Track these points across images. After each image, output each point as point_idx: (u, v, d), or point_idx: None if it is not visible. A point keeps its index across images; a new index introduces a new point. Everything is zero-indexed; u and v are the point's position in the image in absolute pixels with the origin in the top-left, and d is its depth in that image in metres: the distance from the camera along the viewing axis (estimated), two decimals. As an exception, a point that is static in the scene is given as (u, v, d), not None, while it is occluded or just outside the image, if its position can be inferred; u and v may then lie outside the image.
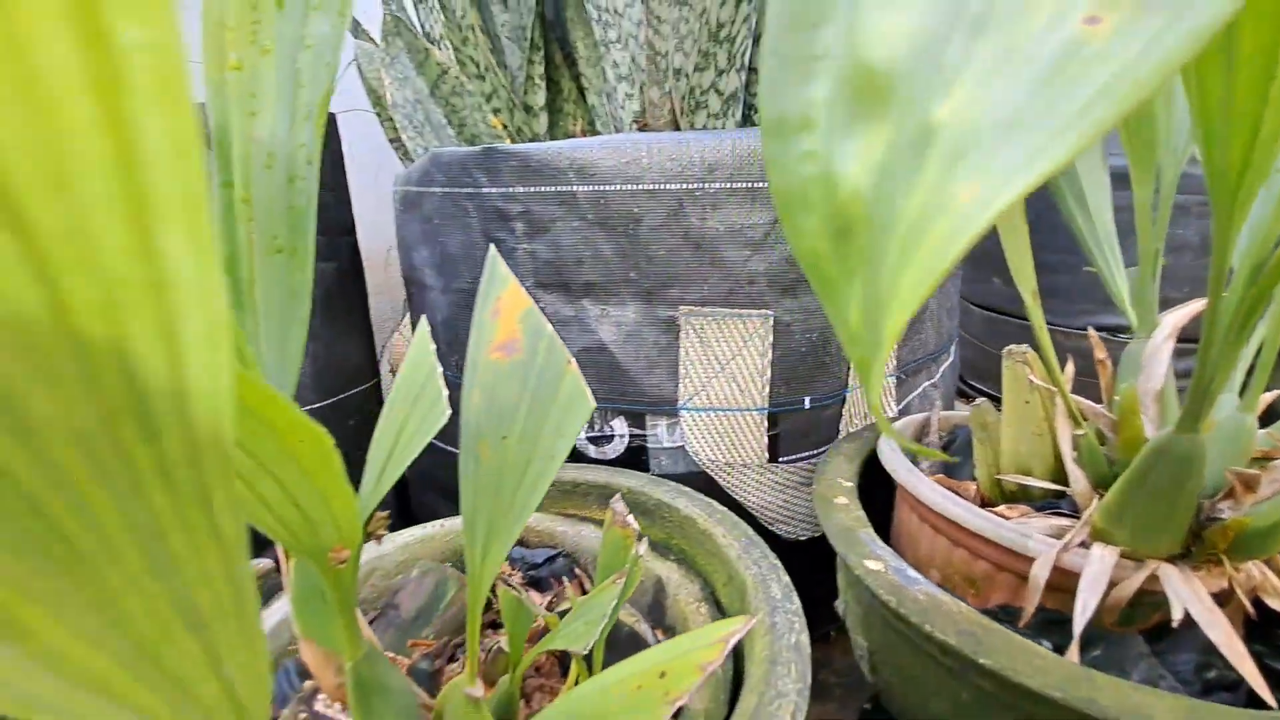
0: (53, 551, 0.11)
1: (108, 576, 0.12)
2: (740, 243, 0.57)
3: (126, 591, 0.13)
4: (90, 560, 0.12)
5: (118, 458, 0.11)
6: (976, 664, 0.38)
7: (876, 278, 0.11)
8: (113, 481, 0.11)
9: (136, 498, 0.11)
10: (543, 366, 0.26)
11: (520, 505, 0.26)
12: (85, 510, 0.11)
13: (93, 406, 0.10)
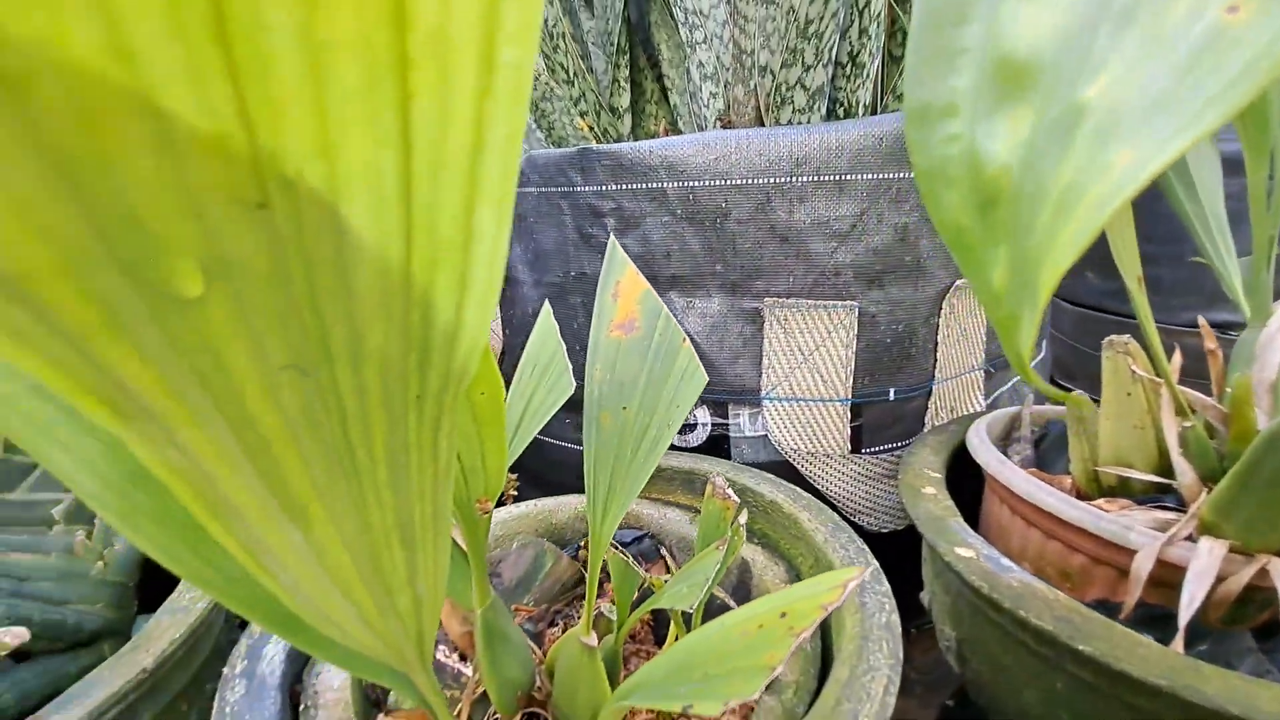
0: (341, 458, 0.14)
1: (366, 486, 0.15)
2: (826, 235, 0.58)
3: (373, 501, 0.16)
4: (361, 469, 0.15)
5: (401, 382, 0.13)
6: (1074, 651, 0.38)
7: (1026, 240, 0.13)
8: (391, 402, 0.14)
9: (402, 418, 0.14)
10: (659, 343, 0.29)
11: (638, 468, 0.28)
12: (368, 425, 0.14)
13: (401, 339, 0.12)
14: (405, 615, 0.20)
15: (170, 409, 0.11)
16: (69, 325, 0.08)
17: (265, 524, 0.14)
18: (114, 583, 0.48)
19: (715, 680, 0.19)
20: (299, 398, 0.12)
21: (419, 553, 0.18)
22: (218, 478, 0.12)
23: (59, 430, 0.18)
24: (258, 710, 0.37)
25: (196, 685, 0.45)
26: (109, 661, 0.39)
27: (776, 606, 0.22)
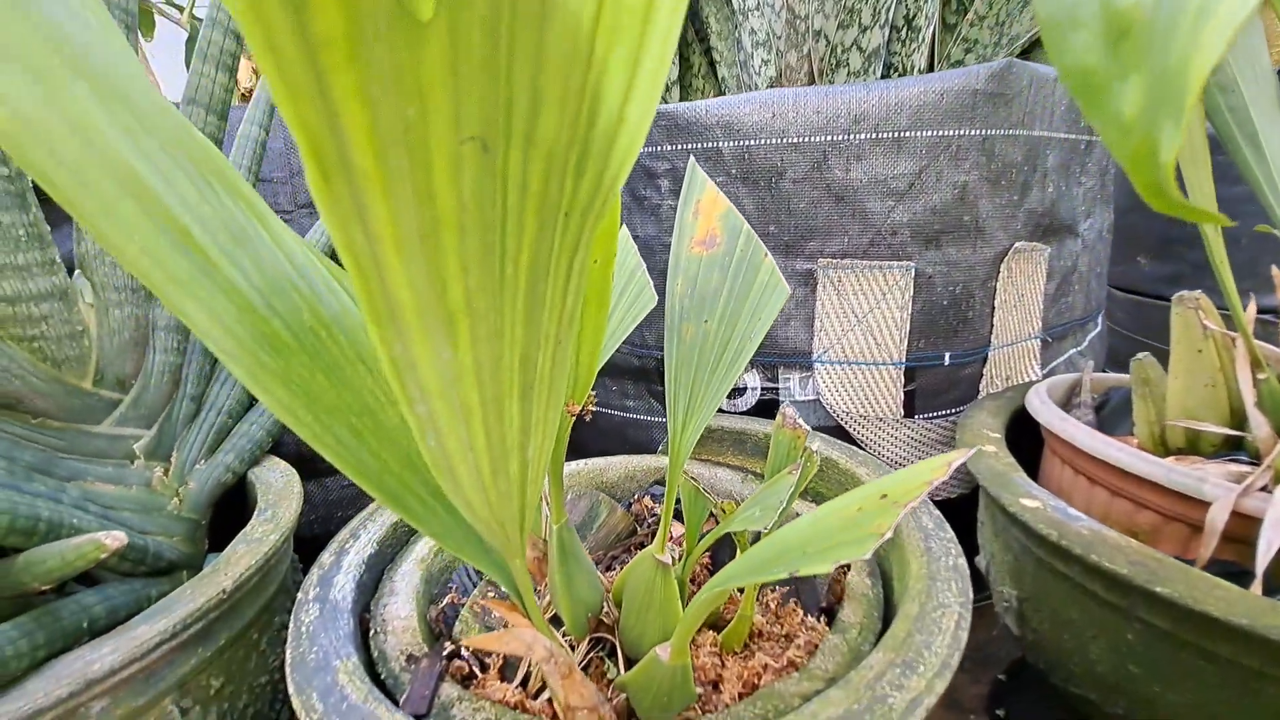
0: (492, 266, 0.14)
1: (505, 309, 0.16)
2: (883, 193, 0.58)
3: (507, 332, 0.16)
4: (505, 285, 0.15)
5: (558, 183, 0.14)
6: (1150, 595, 0.37)
7: (1164, 57, 0.13)
8: (545, 208, 0.14)
9: (549, 231, 0.15)
10: (741, 258, 0.29)
11: (719, 380, 0.29)
12: (521, 231, 0.14)
13: (569, 128, 0.13)
14: (514, 481, 0.20)
15: (370, 168, 0.11)
16: (318, 29, 0.09)
17: (420, 332, 0.14)
18: (187, 518, 0.50)
19: (820, 552, 0.19)
20: (474, 178, 0.12)
21: (534, 409, 0.19)
22: (389, 269, 0.13)
23: (199, 288, 0.19)
24: (332, 630, 0.38)
25: (267, 615, 0.46)
26: (191, 582, 0.41)
27: (875, 491, 0.22)
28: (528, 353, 0.17)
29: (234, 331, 0.19)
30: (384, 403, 0.23)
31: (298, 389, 0.20)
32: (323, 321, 0.22)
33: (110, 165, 0.18)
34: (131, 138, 0.18)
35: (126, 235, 0.18)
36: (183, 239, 0.19)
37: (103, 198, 0.18)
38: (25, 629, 0.33)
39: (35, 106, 0.17)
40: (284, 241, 0.21)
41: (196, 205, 0.19)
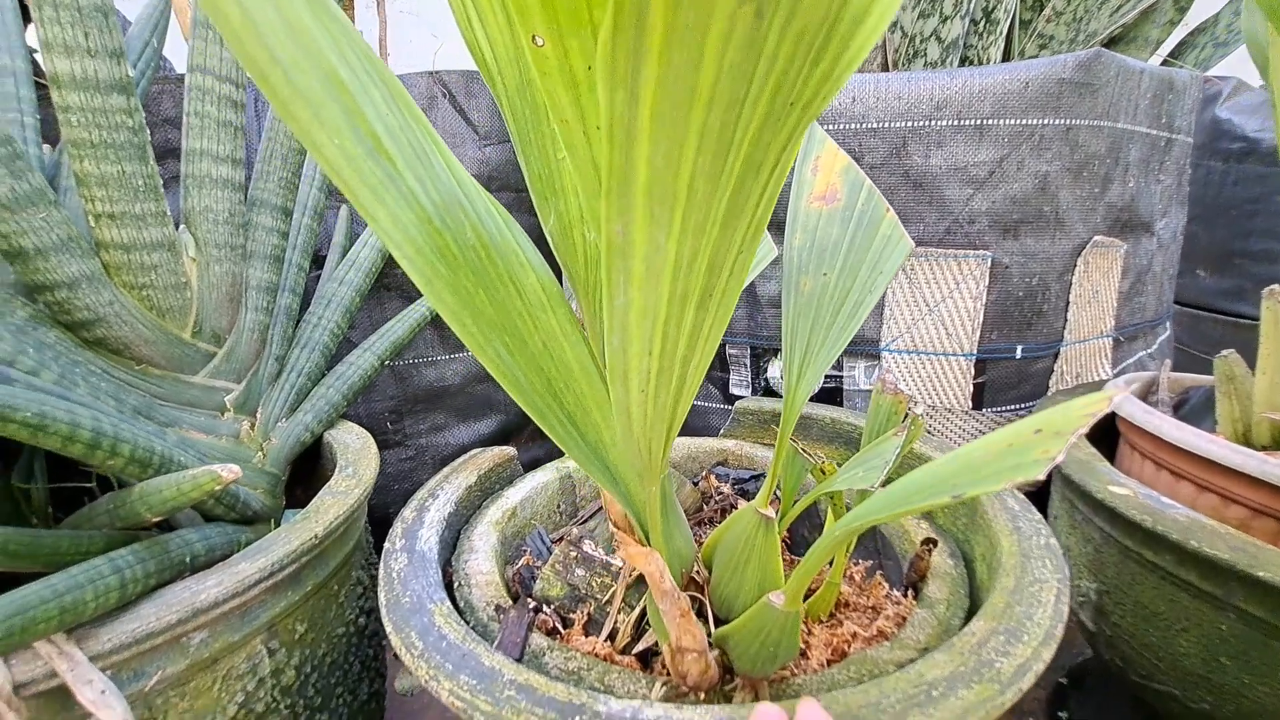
0: (718, 152, 0.15)
1: (713, 205, 0.16)
2: (963, 181, 0.57)
3: (708, 230, 0.16)
4: (723, 176, 0.15)
5: (797, 70, 0.14)
6: (1253, 580, 0.36)
7: None
8: (779, 93, 0.14)
9: (773, 123, 0.15)
10: (862, 212, 0.29)
11: (838, 331, 0.29)
12: (752, 115, 0.14)
13: (828, 3, 0.13)
14: (670, 395, 0.21)
15: (659, 22, 0.12)
16: None
17: (644, 212, 0.15)
18: (270, 472, 0.51)
19: (984, 479, 0.19)
20: (739, 45, 0.13)
21: (705, 321, 0.19)
22: (638, 136, 0.13)
23: (388, 195, 0.20)
24: (421, 577, 0.39)
25: (346, 568, 0.47)
26: (284, 527, 0.42)
27: (1025, 428, 0.21)
28: (716, 257, 0.17)
29: (414, 239, 0.20)
30: (530, 326, 0.24)
31: (463, 299, 0.21)
32: (483, 242, 0.22)
33: (319, 67, 0.18)
34: (335, 44, 0.19)
35: (328, 135, 0.19)
36: (375, 145, 0.19)
37: (311, 98, 0.18)
38: (140, 556, 0.35)
39: (260, 7, 0.18)
40: (454, 165, 0.22)
41: (386, 116, 0.20)
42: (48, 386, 0.34)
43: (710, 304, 0.19)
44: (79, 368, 0.41)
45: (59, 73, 0.38)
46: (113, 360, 0.44)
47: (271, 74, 0.18)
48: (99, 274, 0.42)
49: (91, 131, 0.40)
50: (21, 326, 0.40)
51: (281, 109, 0.18)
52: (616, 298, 0.16)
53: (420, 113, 0.22)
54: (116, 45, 0.40)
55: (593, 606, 0.40)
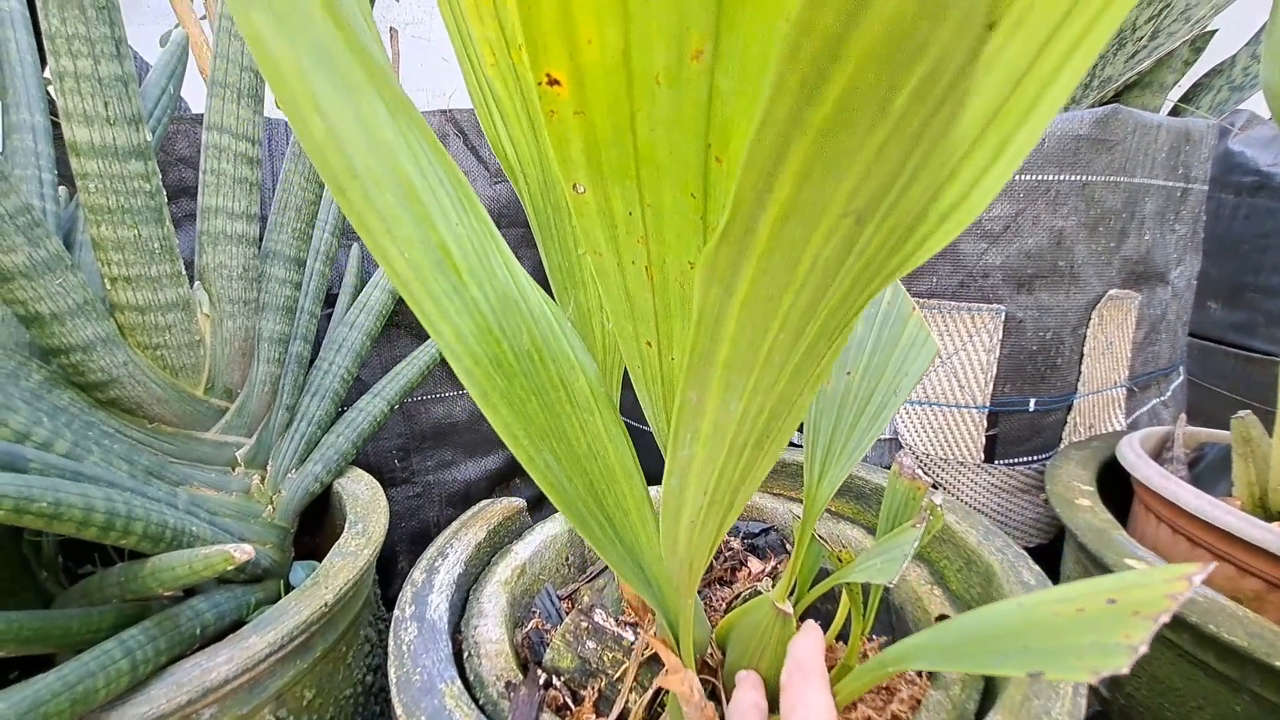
0: (802, 325, 0.14)
1: (784, 368, 0.16)
2: (977, 235, 0.57)
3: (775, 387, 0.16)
4: (797, 346, 0.15)
5: (888, 252, 0.14)
6: (1267, 667, 0.36)
7: None
8: (862, 275, 0.14)
9: (849, 299, 0.15)
10: (888, 310, 0.29)
11: (861, 433, 0.28)
12: (832, 295, 0.14)
13: (922, 199, 0.13)
14: (716, 524, 0.20)
15: (774, 238, 0.11)
16: None
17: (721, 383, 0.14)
18: (279, 526, 0.51)
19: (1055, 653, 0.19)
20: (838, 245, 0.12)
21: (759, 457, 0.19)
22: (726, 323, 0.13)
23: (450, 305, 0.20)
24: (432, 650, 0.38)
25: (354, 629, 0.47)
26: (293, 595, 0.42)
27: (1089, 594, 0.20)
28: (779, 407, 0.17)
29: (473, 350, 0.20)
30: (578, 430, 0.23)
31: (518, 410, 0.21)
32: (536, 345, 0.22)
33: (395, 178, 0.18)
34: (411, 151, 0.19)
35: (399, 249, 0.18)
36: (443, 256, 0.19)
37: (384, 211, 0.18)
38: (151, 634, 0.34)
39: (345, 121, 0.17)
40: (511, 263, 0.22)
41: (455, 224, 0.20)
42: (61, 463, 0.34)
43: (766, 443, 0.19)
44: (92, 430, 0.41)
45: (78, 141, 0.38)
46: (125, 420, 0.44)
47: (350, 188, 0.18)
48: (114, 336, 0.42)
49: (109, 197, 0.40)
50: (36, 390, 0.40)
51: (356, 220, 0.18)
52: (681, 450, 0.16)
53: (480, 206, 0.22)
54: (135, 112, 0.40)
55: (604, 682, 0.39)
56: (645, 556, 0.25)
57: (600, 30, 0.12)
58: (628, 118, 0.13)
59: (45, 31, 0.37)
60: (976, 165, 0.12)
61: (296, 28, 0.14)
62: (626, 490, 0.24)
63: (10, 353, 0.40)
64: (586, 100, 0.13)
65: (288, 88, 0.14)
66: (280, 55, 0.14)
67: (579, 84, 0.13)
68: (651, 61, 0.12)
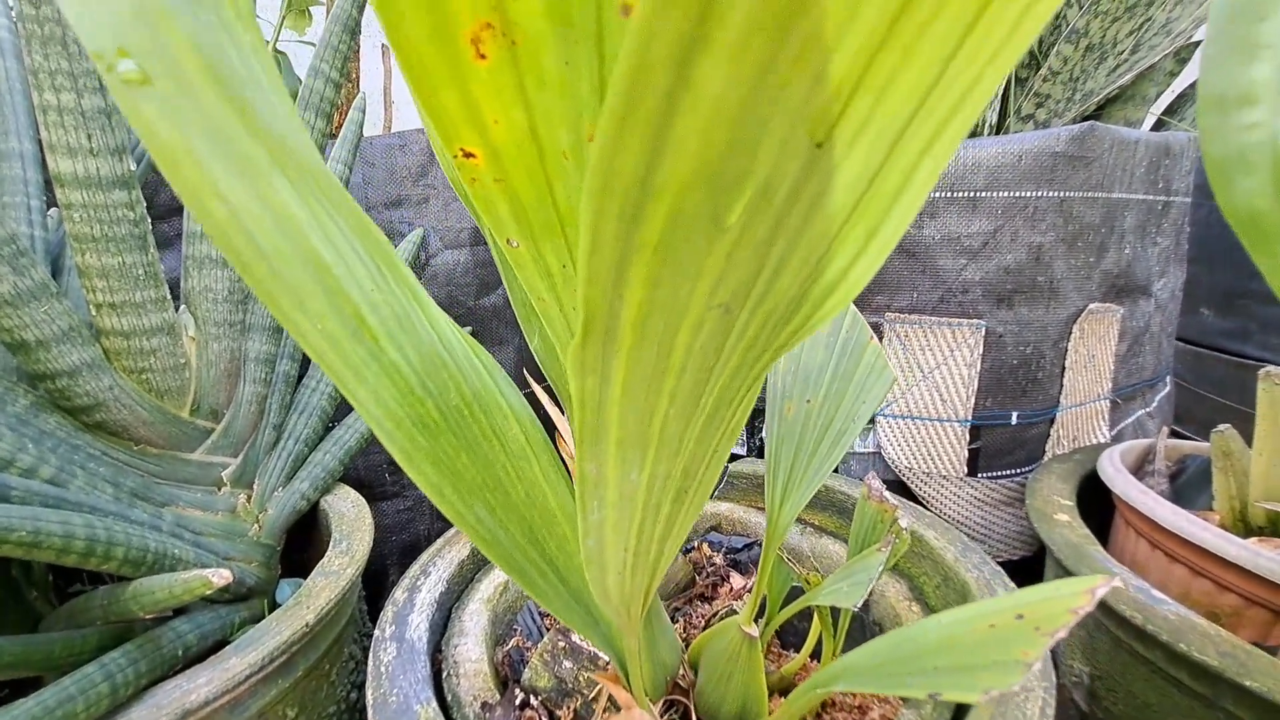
0: (690, 401, 0.15)
1: (686, 433, 0.16)
2: (956, 251, 0.58)
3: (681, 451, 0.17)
4: (695, 415, 0.16)
5: (769, 332, 0.14)
6: (1239, 687, 0.36)
7: None
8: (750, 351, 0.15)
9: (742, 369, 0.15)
10: (847, 338, 0.30)
11: (820, 459, 0.29)
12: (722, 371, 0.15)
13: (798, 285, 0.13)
14: (647, 570, 0.21)
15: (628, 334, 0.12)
16: (644, 236, 0.10)
17: (617, 458, 0.15)
18: (265, 544, 0.52)
19: (957, 671, 0.19)
20: (709, 335, 0.13)
21: (680, 511, 0.20)
22: (608, 405, 0.14)
23: (368, 371, 0.20)
24: (410, 672, 0.39)
25: (338, 646, 0.48)
26: (275, 615, 0.42)
27: (1005, 609, 0.21)
28: (691, 465, 0.17)
29: (394, 413, 0.21)
30: (513, 478, 0.24)
31: (445, 468, 0.21)
32: (465, 400, 0.23)
33: (304, 255, 0.19)
34: (319, 225, 0.19)
35: (311, 321, 0.19)
36: (359, 325, 0.20)
37: (295, 288, 0.19)
38: (132, 657, 0.35)
39: (246, 201, 0.18)
40: (436, 320, 0.23)
41: (370, 291, 0.20)
42: (43, 489, 0.35)
43: (686, 497, 0.19)
44: (78, 453, 0.42)
45: (62, 173, 0.39)
46: (111, 442, 0.45)
47: (256, 268, 0.18)
48: (99, 361, 0.43)
49: (93, 227, 0.40)
50: (22, 415, 0.41)
51: (265, 298, 0.19)
52: (591, 515, 0.17)
53: (401, 264, 0.23)
54: (119, 143, 0.40)
55: (579, 702, 0.40)
56: (590, 600, 0.25)
57: (505, 112, 0.12)
58: (546, 186, 0.14)
59: (29, 66, 0.38)
60: (848, 251, 0.12)
61: (189, 117, 0.15)
62: (569, 533, 0.24)
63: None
64: (505, 170, 0.14)
65: (182, 176, 0.15)
66: (172, 144, 0.15)
67: (494, 157, 0.14)
68: (557, 139, 0.13)
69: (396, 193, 0.76)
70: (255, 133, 0.18)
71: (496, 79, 0.13)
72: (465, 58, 0.13)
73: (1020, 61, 0.74)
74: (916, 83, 0.09)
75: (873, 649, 0.23)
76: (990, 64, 0.09)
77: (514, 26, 0.12)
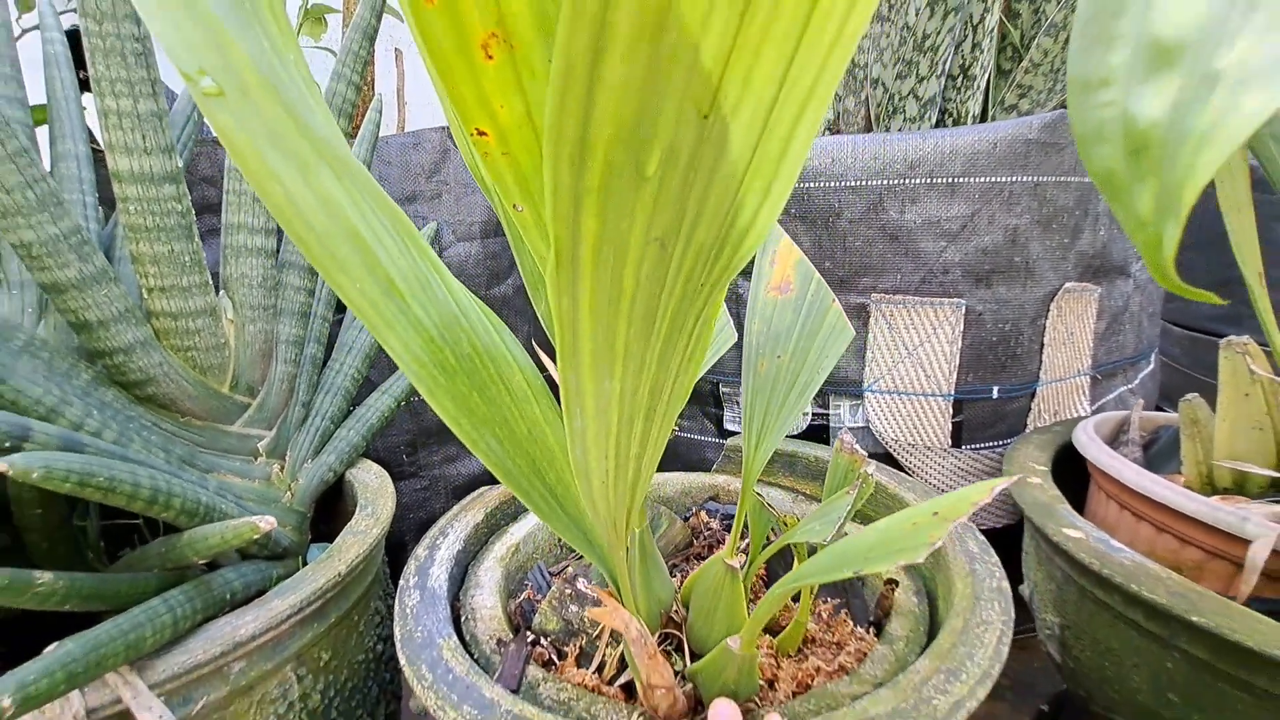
0: (646, 325, 0.19)
1: (647, 355, 0.20)
2: (936, 234, 0.61)
3: (645, 370, 0.21)
4: (651, 337, 0.20)
5: (704, 267, 0.18)
6: (1189, 624, 0.40)
7: (1170, 173, 0.17)
8: (690, 283, 0.19)
9: (690, 299, 0.19)
10: (811, 302, 0.34)
11: (790, 408, 0.33)
12: (670, 298, 0.19)
13: (717, 232, 0.18)
14: (628, 485, 0.25)
15: (589, 260, 0.16)
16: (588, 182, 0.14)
17: (591, 369, 0.19)
18: (297, 510, 0.57)
19: (880, 557, 0.24)
20: (651, 265, 0.17)
21: (651, 428, 0.24)
22: (581, 324, 0.18)
23: (398, 324, 0.25)
24: (432, 614, 0.43)
25: (365, 600, 0.52)
26: (310, 566, 0.47)
27: (927, 509, 0.26)
28: (657, 384, 0.22)
29: (419, 357, 0.25)
30: (517, 417, 0.28)
31: (461, 403, 0.26)
32: (476, 350, 0.27)
33: (344, 229, 0.23)
34: (356, 206, 0.24)
35: (352, 282, 0.23)
36: (389, 286, 0.24)
37: (338, 255, 0.23)
38: (189, 595, 0.40)
39: (298, 188, 0.22)
40: (452, 286, 0.27)
41: (397, 258, 0.25)
42: (110, 447, 0.40)
43: (656, 416, 0.23)
44: (133, 423, 0.47)
45: (120, 170, 0.44)
46: (161, 414, 0.50)
47: (308, 239, 0.23)
48: (150, 340, 0.48)
49: (146, 218, 0.45)
50: (85, 388, 0.46)
51: (316, 263, 0.23)
52: (575, 422, 0.21)
53: (425, 245, 0.27)
54: (168, 142, 0.45)
55: (584, 640, 0.44)
56: (585, 521, 0.30)
57: (507, 100, 0.17)
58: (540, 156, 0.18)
59: (92, 75, 0.42)
60: (753, 202, 0.16)
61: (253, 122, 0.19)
62: (564, 466, 0.28)
63: (64, 355, 0.46)
64: (509, 145, 0.18)
65: (250, 167, 0.19)
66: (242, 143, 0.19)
67: (501, 135, 0.18)
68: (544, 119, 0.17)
69: (411, 188, 0.80)
70: (303, 132, 0.22)
71: (501, 74, 0.17)
72: (478, 59, 0.17)
73: (1004, 54, 0.77)
74: (771, 71, 0.13)
75: (824, 554, 0.27)
76: (830, 54, 0.13)
77: (512, 34, 0.16)
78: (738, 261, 0.18)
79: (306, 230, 0.23)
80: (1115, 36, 0.19)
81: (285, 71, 0.23)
